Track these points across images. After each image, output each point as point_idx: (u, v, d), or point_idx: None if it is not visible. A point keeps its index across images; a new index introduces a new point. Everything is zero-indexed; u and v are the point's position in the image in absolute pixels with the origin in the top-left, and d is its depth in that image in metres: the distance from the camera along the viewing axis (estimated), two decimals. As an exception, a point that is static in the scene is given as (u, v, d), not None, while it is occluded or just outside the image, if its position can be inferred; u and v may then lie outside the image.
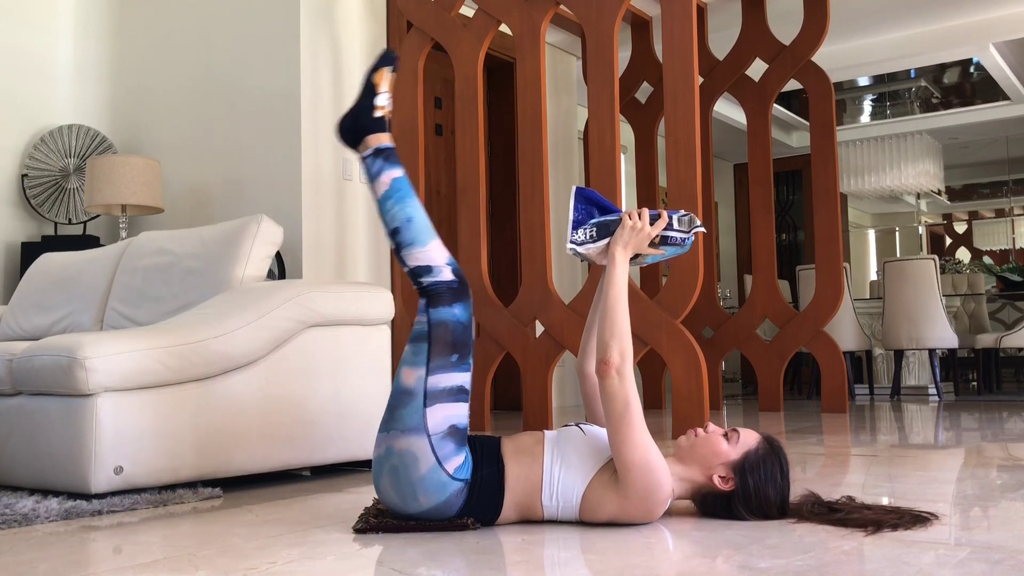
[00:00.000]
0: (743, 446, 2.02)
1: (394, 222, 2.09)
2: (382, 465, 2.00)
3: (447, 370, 1.99)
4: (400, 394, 2.00)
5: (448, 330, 2.01)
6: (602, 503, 1.97)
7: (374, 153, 2.15)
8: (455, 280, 2.06)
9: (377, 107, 2.19)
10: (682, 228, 2.12)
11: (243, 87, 4.65)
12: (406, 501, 1.98)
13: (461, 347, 2.02)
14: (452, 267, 2.08)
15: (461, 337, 2.03)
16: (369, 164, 2.15)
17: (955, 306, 7.39)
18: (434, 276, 2.05)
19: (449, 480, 1.96)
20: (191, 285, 3.19)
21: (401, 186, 2.12)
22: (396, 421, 1.98)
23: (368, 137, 2.17)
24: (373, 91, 2.20)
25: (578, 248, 2.12)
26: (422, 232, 2.08)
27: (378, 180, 2.13)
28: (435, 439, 1.96)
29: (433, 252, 2.07)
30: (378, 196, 2.13)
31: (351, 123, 2.19)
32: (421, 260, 2.06)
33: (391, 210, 2.10)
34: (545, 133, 4.14)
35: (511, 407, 5.95)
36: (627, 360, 1.97)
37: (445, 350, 2.00)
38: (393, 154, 2.17)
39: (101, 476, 2.49)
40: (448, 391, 1.99)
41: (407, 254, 2.08)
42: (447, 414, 1.98)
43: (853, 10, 6.36)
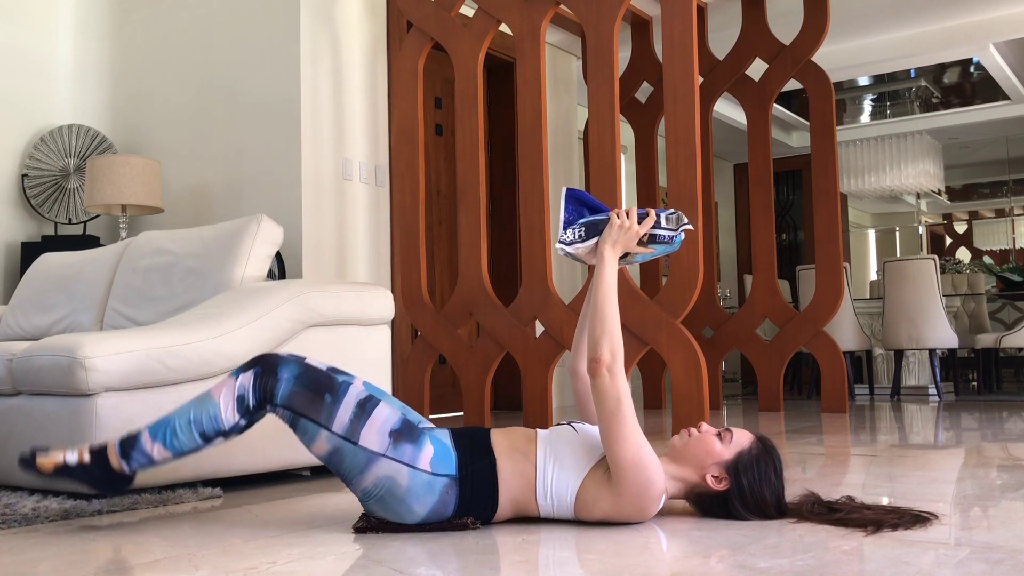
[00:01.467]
0: (736, 446, 2.02)
1: (195, 437, 2.03)
2: (370, 503, 2.01)
3: (335, 408, 1.98)
4: (330, 460, 2.00)
5: (298, 392, 1.99)
6: (596, 501, 1.97)
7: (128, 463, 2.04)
8: (255, 369, 2.02)
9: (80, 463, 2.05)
10: (670, 226, 2.12)
11: (243, 87, 4.65)
12: (404, 516, 1.99)
13: (322, 386, 2.00)
14: (238, 372, 2.04)
15: (313, 382, 2.00)
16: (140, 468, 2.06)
17: (955, 306, 7.39)
18: (248, 392, 2.01)
19: (432, 477, 1.96)
20: (191, 285, 3.19)
21: (157, 431, 2.03)
22: (350, 471, 1.98)
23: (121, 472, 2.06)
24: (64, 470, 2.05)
25: (567, 248, 2.13)
26: (203, 407, 2.02)
27: (155, 458, 2.05)
28: (390, 452, 1.96)
29: (224, 396, 2.01)
30: (173, 456, 2.05)
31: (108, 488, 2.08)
32: (230, 412, 2.01)
33: (184, 441, 2.03)
34: (545, 133, 4.14)
35: (511, 407, 5.95)
36: (618, 358, 1.97)
37: (316, 403, 1.98)
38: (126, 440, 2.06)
39: (101, 476, 2.49)
40: (355, 416, 1.98)
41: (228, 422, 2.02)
42: (377, 428, 1.97)
43: (853, 10, 6.36)
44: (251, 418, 2.04)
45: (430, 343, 4.35)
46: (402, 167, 4.47)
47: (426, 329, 4.35)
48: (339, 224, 4.60)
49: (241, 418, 2.03)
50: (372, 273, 4.76)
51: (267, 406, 2.02)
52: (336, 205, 4.59)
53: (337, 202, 4.60)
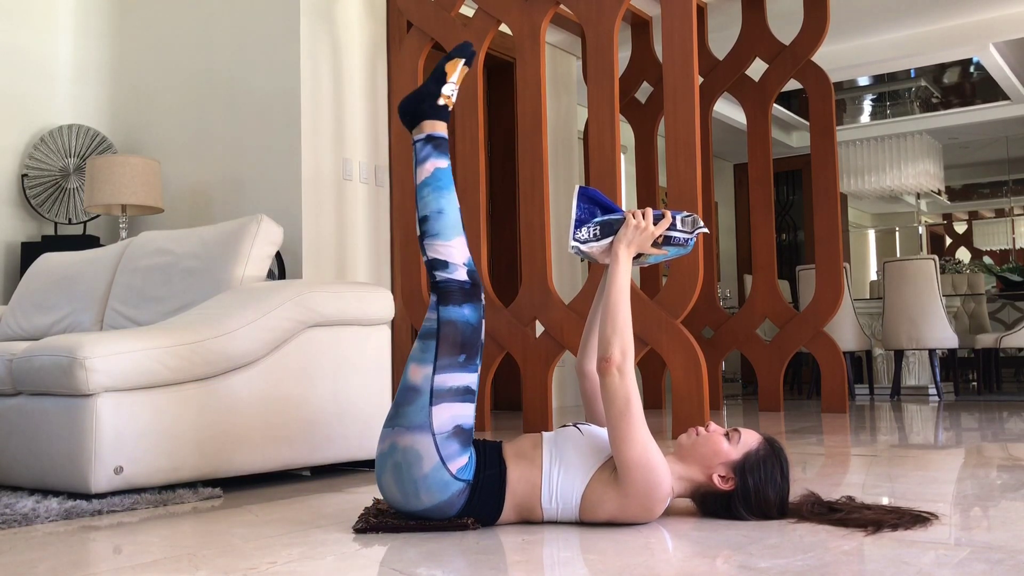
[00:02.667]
0: (744, 446, 2.02)
1: (425, 210, 2.10)
2: (385, 461, 2.00)
3: (454, 370, 1.99)
4: (407, 391, 2.00)
5: (457, 330, 2.01)
6: (602, 502, 1.97)
7: (426, 139, 2.16)
8: (468, 281, 2.06)
9: (442, 95, 2.19)
10: (685, 228, 2.12)
11: (243, 87, 4.65)
12: (408, 499, 1.98)
13: (469, 348, 2.02)
14: (468, 268, 2.08)
15: (470, 338, 2.03)
16: (419, 148, 2.17)
17: (955, 306, 7.39)
18: (448, 272, 2.05)
19: (452, 480, 1.96)
20: (191, 285, 3.19)
21: (442, 177, 2.13)
22: (401, 418, 1.98)
23: (425, 122, 2.17)
24: (443, 78, 2.20)
25: (581, 247, 2.13)
26: (449, 227, 2.09)
27: (423, 166, 2.14)
28: (440, 438, 1.96)
29: (454, 249, 2.07)
30: (418, 181, 2.14)
31: (412, 104, 2.20)
32: (440, 253, 2.07)
33: (426, 198, 2.11)
34: (545, 133, 4.14)
35: (511, 407, 5.95)
36: (628, 358, 1.97)
37: (453, 349, 2.00)
38: (444, 144, 2.17)
39: (101, 476, 2.49)
40: (454, 391, 1.99)
41: (429, 244, 2.08)
42: (453, 414, 1.98)
43: (853, 10, 6.36)
44: (427, 268, 2.09)
45: (430, 343, 4.34)
46: (402, 167, 4.47)
47: (426, 329, 4.34)
48: (339, 224, 4.60)
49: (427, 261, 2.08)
50: (372, 273, 4.76)
51: (434, 295, 2.06)
52: (336, 205, 4.59)
53: (337, 202, 4.60)
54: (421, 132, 2.17)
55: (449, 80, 2.21)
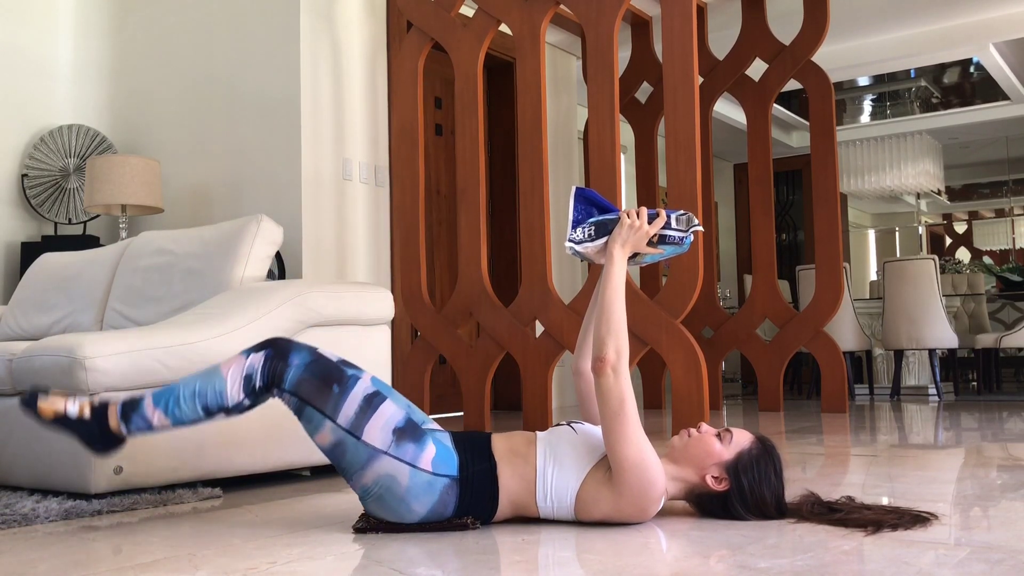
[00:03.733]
0: (736, 446, 2.02)
1: (197, 410, 2.01)
2: (368, 501, 2.01)
3: (341, 400, 1.97)
4: (332, 452, 1.99)
5: (307, 380, 1.98)
6: (596, 501, 1.97)
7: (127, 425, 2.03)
8: (266, 351, 2.02)
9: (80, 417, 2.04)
10: (680, 227, 2.11)
11: (243, 87, 4.65)
12: (404, 515, 1.99)
13: (331, 376, 1.99)
14: (250, 352, 2.03)
15: (323, 371, 2.00)
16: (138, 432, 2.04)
17: (955, 306, 7.39)
18: (256, 373, 2.00)
19: (433, 477, 1.96)
20: (191, 285, 3.19)
21: (160, 399, 2.01)
22: (350, 467, 1.98)
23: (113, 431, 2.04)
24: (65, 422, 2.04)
25: (576, 247, 2.12)
26: (210, 383, 2.00)
27: (155, 424, 2.02)
28: (392, 450, 1.95)
29: (232, 373, 2.00)
30: (171, 425, 2.03)
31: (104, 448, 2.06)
32: (236, 388, 1.99)
33: (186, 412, 2.01)
34: (545, 133, 4.14)
35: (511, 407, 5.95)
36: (623, 358, 1.97)
37: (323, 392, 1.97)
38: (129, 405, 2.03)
39: (101, 476, 2.49)
40: (360, 410, 1.97)
41: (232, 399, 2.00)
42: (381, 424, 1.97)
43: (853, 10, 6.36)
44: (255, 399, 2.02)
45: (430, 343, 4.35)
46: (402, 167, 4.47)
47: (426, 329, 4.35)
48: (339, 224, 4.60)
49: (246, 398, 2.01)
50: (372, 273, 4.76)
51: (273, 390, 2.01)
52: (336, 205, 4.59)
53: (337, 202, 4.60)
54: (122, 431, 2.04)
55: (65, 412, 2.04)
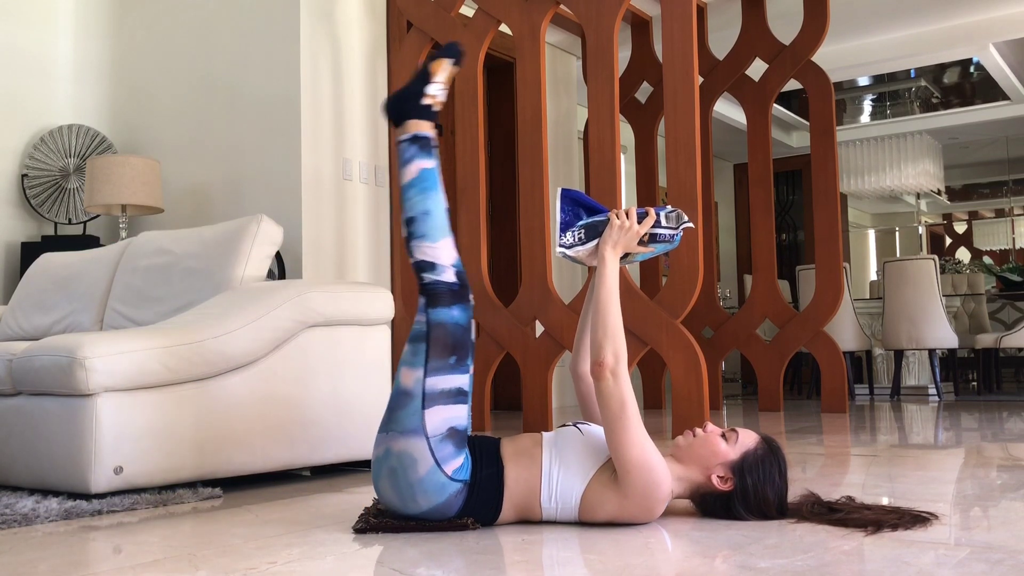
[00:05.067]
0: (741, 446, 2.02)
1: (411, 211, 2.08)
2: (381, 466, 2.00)
3: (445, 372, 1.99)
4: (399, 395, 2.00)
5: (446, 332, 2.01)
6: (601, 503, 1.97)
7: (411, 139, 2.14)
8: (456, 283, 2.05)
9: (427, 95, 2.17)
10: (670, 224, 2.11)
11: (243, 87, 4.65)
12: (405, 502, 1.98)
13: (459, 349, 2.02)
14: (456, 269, 2.07)
15: (460, 339, 2.02)
16: (403, 149, 2.14)
17: (955, 306, 7.38)
18: (436, 274, 2.04)
19: (448, 481, 1.96)
20: (191, 285, 3.19)
21: (428, 177, 2.10)
22: (395, 423, 1.98)
23: (410, 122, 2.15)
24: (427, 78, 2.19)
25: (567, 251, 2.11)
26: (436, 228, 2.07)
27: (408, 167, 2.12)
28: (434, 441, 1.96)
29: (441, 250, 2.06)
30: (403, 182, 2.12)
31: (397, 103, 2.18)
32: (428, 255, 2.05)
33: (412, 199, 2.09)
34: (545, 133, 4.14)
35: (511, 407, 5.95)
36: (621, 360, 1.97)
37: (443, 352, 1.99)
38: (429, 144, 2.15)
39: (101, 476, 2.49)
40: (446, 393, 1.98)
41: (416, 246, 2.07)
42: (445, 416, 1.97)
43: (853, 10, 6.36)
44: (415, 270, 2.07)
45: (430, 343, 4.34)
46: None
47: (426, 329, 4.34)
48: (339, 224, 4.60)
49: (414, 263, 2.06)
50: (372, 273, 4.76)
51: (423, 298, 2.04)
52: (336, 205, 4.59)
53: (337, 202, 4.60)
54: (406, 132, 2.15)
55: (435, 80, 2.19)
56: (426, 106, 2.17)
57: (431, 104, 2.18)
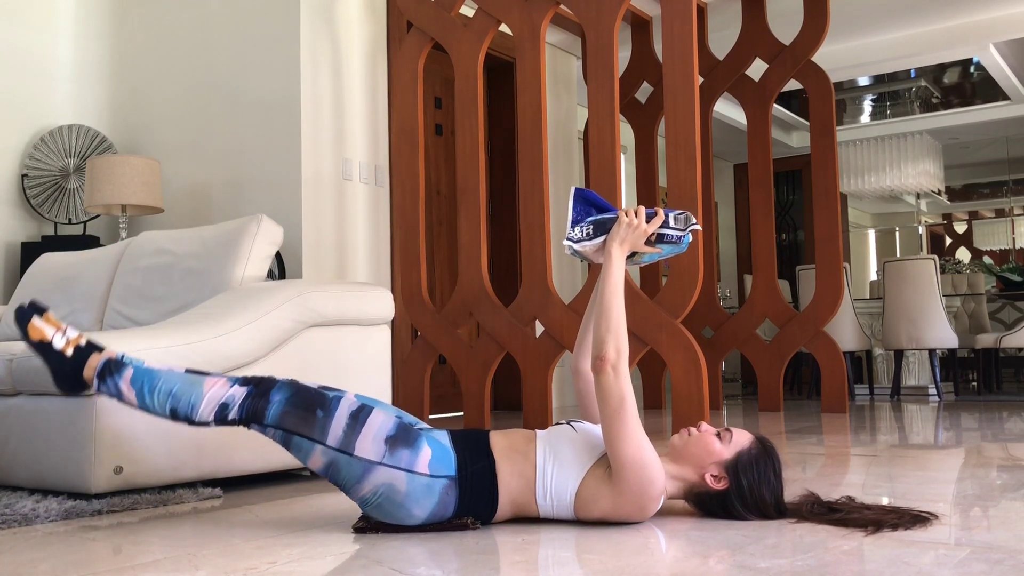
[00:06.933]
0: (736, 446, 2.02)
1: (165, 408, 2.05)
2: (369, 508, 2.01)
3: (328, 423, 1.98)
4: (327, 472, 2.00)
5: (290, 413, 2.00)
6: (596, 500, 1.97)
7: (99, 380, 2.09)
8: (249, 388, 2.04)
9: (62, 352, 2.11)
10: (678, 226, 2.12)
11: (243, 87, 4.65)
12: (405, 520, 1.99)
13: (313, 403, 2.01)
14: (236, 382, 2.06)
15: (305, 402, 2.01)
16: (105, 392, 2.10)
17: (955, 306, 7.38)
18: (233, 407, 2.03)
19: (431, 479, 1.96)
20: (191, 285, 3.19)
21: (141, 378, 2.07)
22: (348, 481, 1.99)
23: (84, 372, 2.11)
24: (45, 348, 2.11)
25: (575, 246, 2.12)
26: (190, 391, 2.04)
27: (123, 397, 2.08)
28: (387, 460, 1.95)
29: (212, 393, 2.04)
30: (135, 406, 2.08)
31: (67, 387, 2.13)
32: (211, 408, 2.03)
33: (154, 403, 2.06)
34: (545, 133, 4.14)
35: (511, 407, 5.95)
36: (623, 356, 1.97)
37: (307, 420, 1.99)
38: (111, 365, 2.09)
39: (101, 476, 2.49)
40: (348, 428, 1.98)
41: (199, 418, 2.04)
42: (372, 436, 1.97)
43: (853, 10, 6.36)
44: (221, 424, 2.05)
45: (430, 343, 4.35)
46: (402, 167, 4.47)
47: (426, 329, 4.35)
48: (339, 224, 4.60)
49: (213, 421, 2.04)
50: (372, 273, 4.76)
51: (252, 425, 2.03)
52: (336, 205, 4.59)
53: (337, 202, 4.60)
54: (91, 374, 2.10)
55: (49, 339, 2.11)
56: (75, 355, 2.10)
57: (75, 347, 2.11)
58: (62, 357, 2.11)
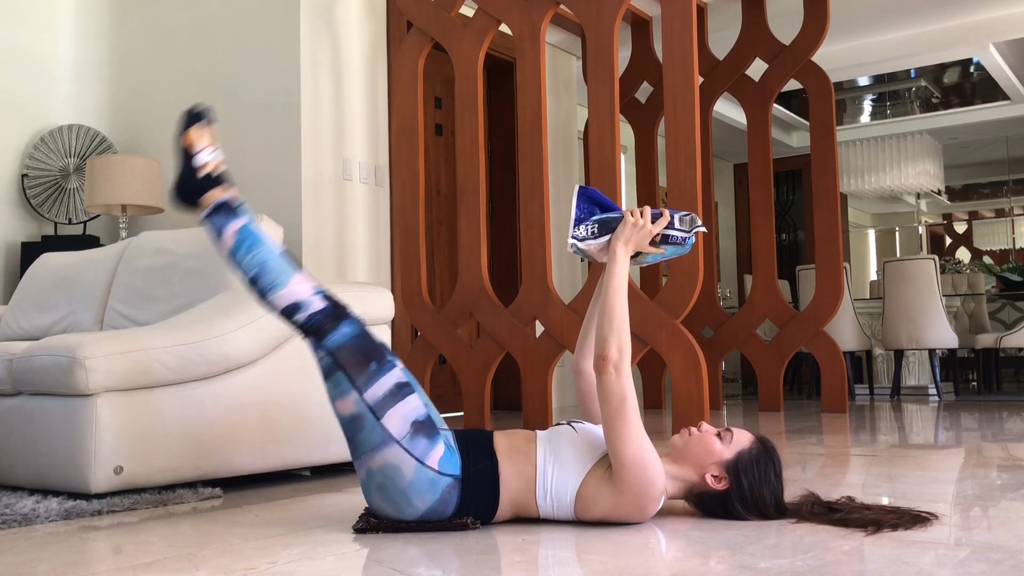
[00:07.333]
0: (736, 446, 2.02)
1: (249, 272, 2.07)
2: (369, 486, 2.01)
3: (375, 378, 1.99)
4: (349, 424, 2.00)
5: (350, 348, 2.00)
6: (596, 500, 1.97)
7: (211, 212, 2.12)
8: (327, 305, 2.04)
9: (199, 168, 2.15)
10: (683, 227, 2.12)
11: (243, 87, 4.65)
12: (402, 509, 1.99)
13: (372, 353, 2.01)
14: (321, 294, 2.06)
15: (366, 346, 2.02)
16: (210, 225, 2.13)
17: (955, 306, 7.38)
18: (305, 311, 2.03)
19: (437, 476, 1.96)
20: (191, 285, 3.19)
21: (247, 235, 2.09)
22: (362, 445, 1.98)
23: (202, 199, 2.14)
24: (189, 155, 2.16)
25: (579, 244, 2.12)
26: (279, 273, 2.06)
27: (223, 237, 2.11)
28: (405, 442, 1.96)
29: (296, 288, 2.05)
30: (225, 252, 2.11)
31: (180, 192, 2.16)
32: (287, 299, 2.04)
33: (243, 261, 2.08)
34: (545, 133, 4.14)
35: (511, 407, 5.95)
36: (625, 356, 1.97)
37: (360, 365, 1.99)
38: (229, 206, 2.13)
39: (101, 476, 2.49)
40: (389, 394, 1.98)
41: (272, 299, 2.06)
42: (403, 414, 1.97)
43: (853, 10, 6.36)
44: (285, 320, 2.07)
45: (430, 343, 4.35)
46: (402, 167, 4.47)
47: (426, 329, 4.35)
48: (339, 224, 4.60)
49: (281, 313, 2.06)
50: (372, 273, 4.76)
51: (310, 337, 2.03)
52: (336, 205, 4.59)
53: (337, 202, 4.60)
54: (204, 207, 2.13)
55: (196, 150, 2.16)
56: (207, 176, 2.14)
57: (211, 171, 2.15)
58: (195, 172, 2.14)
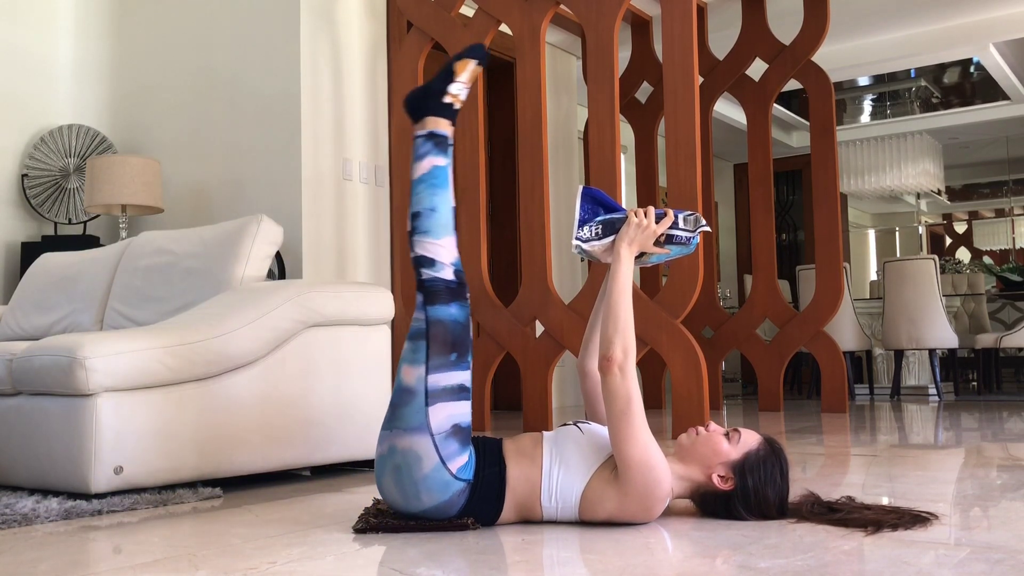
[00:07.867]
0: (744, 446, 2.02)
1: (418, 206, 2.09)
2: (385, 463, 2.00)
3: (447, 369, 1.99)
4: (402, 392, 2.00)
5: (446, 329, 2.01)
6: (601, 501, 1.97)
7: (427, 135, 2.15)
8: (455, 280, 2.05)
9: (449, 93, 2.18)
10: (687, 227, 2.11)
11: (243, 87, 4.65)
12: (408, 500, 1.98)
13: (459, 346, 2.02)
14: (455, 268, 2.07)
15: (459, 336, 2.02)
16: (419, 144, 2.15)
17: (955, 306, 7.38)
18: (435, 271, 2.04)
19: (452, 480, 1.96)
20: (191, 285, 3.19)
21: (439, 175, 2.11)
22: (399, 419, 1.98)
23: (428, 118, 2.16)
24: (450, 76, 2.19)
25: (583, 245, 2.12)
26: (440, 226, 2.07)
27: (420, 162, 2.12)
28: (438, 438, 1.96)
29: (443, 248, 2.06)
30: (414, 177, 2.13)
31: (418, 99, 2.19)
32: (428, 251, 2.05)
33: (420, 194, 2.09)
34: (545, 133, 4.14)
35: (511, 407, 5.95)
36: (630, 357, 1.97)
37: (444, 349, 1.99)
38: (445, 143, 2.15)
39: (101, 476, 2.49)
40: (449, 390, 1.98)
41: (418, 241, 2.07)
42: (449, 413, 1.98)
43: (853, 10, 6.36)
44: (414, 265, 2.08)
45: (430, 343, 4.34)
46: (402, 167, 4.47)
47: (426, 329, 4.34)
48: (339, 224, 4.60)
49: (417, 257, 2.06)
50: (372, 273, 4.76)
51: (421, 295, 2.04)
52: (336, 205, 4.59)
53: (337, 202, 4.60)
54: (423, 128, 2.16)
55: (458, 79, 2.19)
56: (447, 104, 2.18)
57: (452, 103, 2.18)
58: (443, 94, 2.17)
